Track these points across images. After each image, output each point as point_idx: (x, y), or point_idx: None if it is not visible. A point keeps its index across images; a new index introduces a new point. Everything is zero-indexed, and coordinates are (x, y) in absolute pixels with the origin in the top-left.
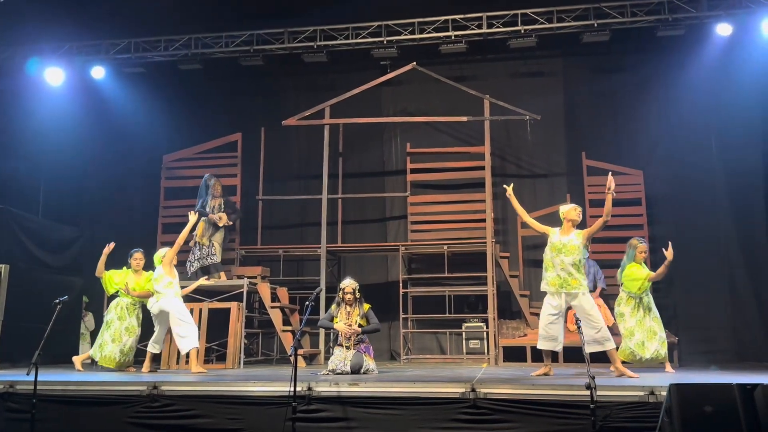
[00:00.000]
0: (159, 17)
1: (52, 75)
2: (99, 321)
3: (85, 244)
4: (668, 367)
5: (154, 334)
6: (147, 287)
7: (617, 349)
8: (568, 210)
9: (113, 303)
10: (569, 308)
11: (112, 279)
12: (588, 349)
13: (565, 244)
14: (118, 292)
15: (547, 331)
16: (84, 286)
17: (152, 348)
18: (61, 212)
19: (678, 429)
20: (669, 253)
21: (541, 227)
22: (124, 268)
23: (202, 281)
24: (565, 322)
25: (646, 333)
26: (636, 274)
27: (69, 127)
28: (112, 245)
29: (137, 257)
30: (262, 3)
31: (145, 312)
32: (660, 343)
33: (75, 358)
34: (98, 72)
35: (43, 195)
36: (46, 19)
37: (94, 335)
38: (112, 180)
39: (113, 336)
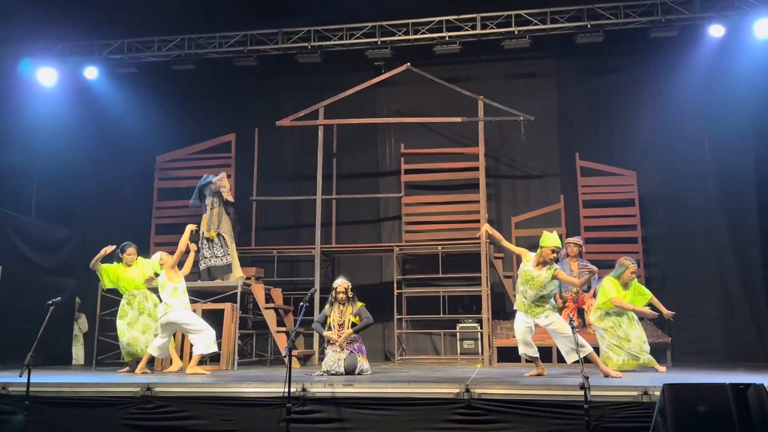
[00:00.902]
0: (152, 17)
1: (45, 75)
2: (92, 322)
3: (77, 244)
4: (658, 368)
5: (158, 340)
6: (145, 274)
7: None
8: (545, 248)
9: (119, 307)
10: (563, 308)
11: (108, 272)
12: (569, 360)
13: (534, 278)
14: (117, 289)
15: (523, 338)
16: (77, 287)
17: (153, 351)
18: (53, 213)
19: (671, 429)
20: (658, 308)
21: (517, 250)
22: (115, 262)
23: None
24: None
25: (618, 340)
26: (607, 292)
27: (62, 128)
28: (112, 247)
29: (131, 252)
30: (256, 3)
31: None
32: (637, 351)
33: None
34: (91, 72)
35: (35, 195)
36: (39, 19)
37: (87, 336)
38: (105, 181)
39: (120, 334)
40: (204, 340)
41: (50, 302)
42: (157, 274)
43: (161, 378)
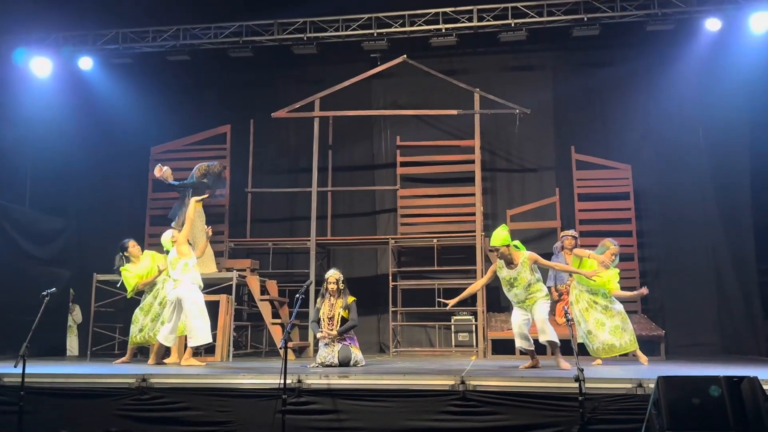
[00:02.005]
0: (147, 8)
1: (39, 65)
2: (86, 313)
3: (72, 235)
4: (641, 357)
5: (168, 325)
6: (150, 269)
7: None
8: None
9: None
10: (558, 301)
11: (128, 281)
12: (541, 338)
13: (515, 278)
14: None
15: (520, 332)
16: (71, 278)
17: (161, 339)
18: (48, 203)
19: (666, 421)
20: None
21: (488, 276)
22: (123, 266)
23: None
24: (553, 315)
25: (594, 323)
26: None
27: (56, 118)
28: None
29: (133, 244)
30: None
31: None
32: (613, 335)
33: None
34: (86, 63)
35: (29, 186)
36: (33, 8)
37: (81, 328)
38: (100, 171)
39: (133, 320)
40: (199, 331)
41: (45, 293)
42: (167, 251)
43: (157, 369)
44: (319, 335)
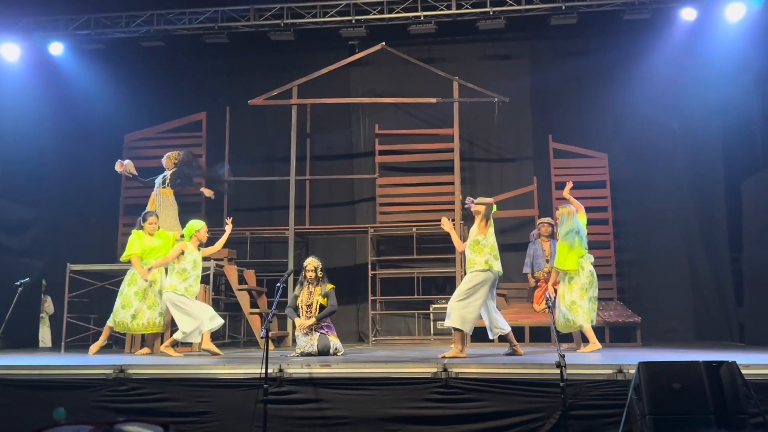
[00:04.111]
0: None
1: (8, 51)
2: (59, 304)
3: (43, 225)
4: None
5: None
6: (157, 249)
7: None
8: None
9: (127, 273)
10: (535, 288)
11: (137, 239)
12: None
13: (472, 231)
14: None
15: (486, 319)
16: (44, 269)
17: (187, 339)
18: (19, 193)
19: (646, 406)
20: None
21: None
22: (137, 230)
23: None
24: (533, 302)
25: (577, 292)
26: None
27: (27, 105)
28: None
29: (152, 221)
30: None
31: None
32: (563, 310)
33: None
34: (57, 48)
35: (0, 175)
36: None
37: (53, 319)
38: (72, 160)
39: (123, 303)
40: (190, 330)
41: (18, 283)
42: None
43: (134, 360)
44: (297, 323)
